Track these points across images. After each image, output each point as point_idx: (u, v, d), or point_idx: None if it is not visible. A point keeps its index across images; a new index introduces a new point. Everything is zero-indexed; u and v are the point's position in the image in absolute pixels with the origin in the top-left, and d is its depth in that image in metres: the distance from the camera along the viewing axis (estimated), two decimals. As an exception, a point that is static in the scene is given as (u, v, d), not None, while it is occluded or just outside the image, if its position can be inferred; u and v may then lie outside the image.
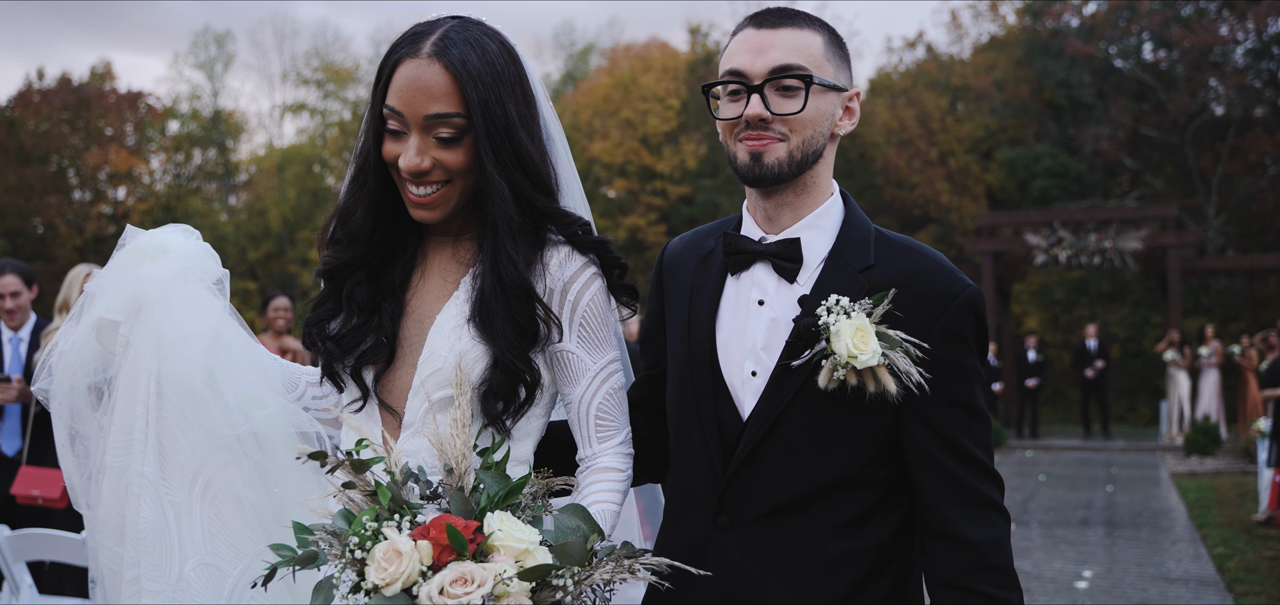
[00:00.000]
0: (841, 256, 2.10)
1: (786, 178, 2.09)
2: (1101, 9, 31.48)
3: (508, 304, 2.07)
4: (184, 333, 2.13)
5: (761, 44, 2.08)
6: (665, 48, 36.48)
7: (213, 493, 2.12)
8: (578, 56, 42.11)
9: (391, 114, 2.06)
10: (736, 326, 2.13)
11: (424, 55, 2.04)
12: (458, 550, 1.70)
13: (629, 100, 34.21)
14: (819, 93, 2.07)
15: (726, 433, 2.10)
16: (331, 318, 2.18)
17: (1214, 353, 20.14)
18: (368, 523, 1.74)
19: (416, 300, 2.18)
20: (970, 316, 2.06)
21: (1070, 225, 22.39)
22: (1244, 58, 31.10)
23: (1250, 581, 8.92)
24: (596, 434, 2.17)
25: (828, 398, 2.00)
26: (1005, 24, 34.61)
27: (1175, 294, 22.16)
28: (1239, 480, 15.14)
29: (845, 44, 2.18)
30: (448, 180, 2.08)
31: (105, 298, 2.17)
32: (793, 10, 2.14)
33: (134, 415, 2.11)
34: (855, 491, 2.07)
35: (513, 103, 2.08)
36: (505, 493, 1.83)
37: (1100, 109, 31.28)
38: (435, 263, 2.21)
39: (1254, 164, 30.15)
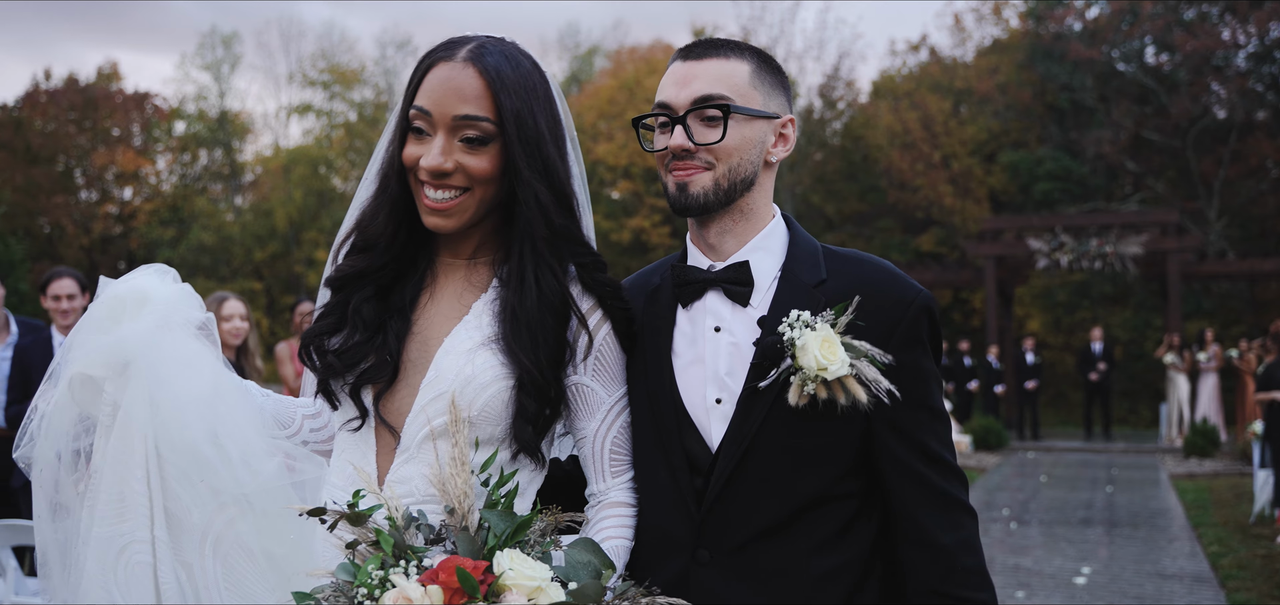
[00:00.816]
0: (794, 273, 2.10)
1: (713, 206, 2.09)
2: (1104, 13, 31.57)
3: (544, 318, 2.03)
4: (181, 395, 2.06)
5: (686, 75, 2.09)
6: (670, 50, 36.63)
7: (223, 549, 2.06)
8: (582, 58, 42.27)
9: (419, 113, 2.03)
10: (693, 357, 2.11)
11: (459, 59, 2.03)
12: (469, 593, 1.66)
13: (634, 102, 34.37)
14: (741, 121, 2.08)
15: (696, 464, 2.07)
16: (334, 332, 2.12)
17: (1213, 357, 20.27)
18: (373, 571, 1.70)
19: (423, 321, 2.11)
20: (926, 321, 2.09)
21: (1072, 230, 22.54)
22: (1246, 62, 31.19)
23: (1242, 578, 9.12)
24: (610, 468, 2.14)
25: (799, 415, 1.99)
26: (1008, 28, 34.68)
27: (1175, 298, 22.30)
28: (1236, 482, 15.28)
29: (779, 71, 2.18)
30: (467, 188, 2.03)
31: (84, 354, 2.08)
32: (720, 41, 2.15)
33: (130, 481, 2.02)
34: (832, 506, 2.06)
35: (544, 118, 2.07)
36: (513, 530, 1.78)
37: (1102, 112, 31.38)
38: (446, 285, 2.14)
39: (1255, 168, 30.24)
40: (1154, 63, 31.78)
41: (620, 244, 33.76)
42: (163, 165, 39.84)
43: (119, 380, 2.05)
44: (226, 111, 39.71)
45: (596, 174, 35.56)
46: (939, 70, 34.34)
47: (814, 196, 34.16)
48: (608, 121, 34.69)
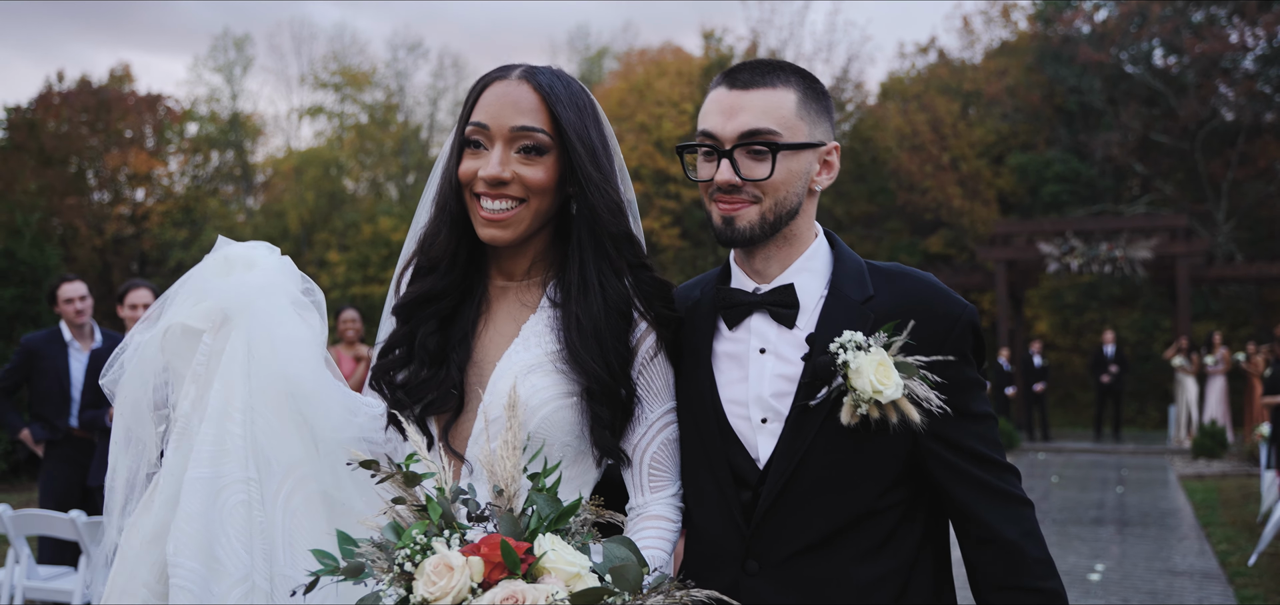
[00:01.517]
0: (841, 291, 2.11)
1: (759, 239, 2.09)
2: (1113, 15, 31.66)
3: (611, 321, 2.08)
4: (287, 335, 2.13)
5: (732, 106, 2.06)
6: (679, 52, 36.78)
7: (293, 505, 2.12)
8: (592, 59, 42.42)
9: (476, 128, 2.09)
10: (738, 376, 2.12)
11: (514, 78, 2.11)
12: (510, 568, 1.68)
13: (643, 104, 34.50)
14: (789, 156, 2.06)
15: (743, 478, 2.09)
16: (401, 366, 2.16)
17: (1221, 360, 20.41)
18: (418, 536, 1.72)
19: (480, 348, 2.16)
20: (971, 335, 2.11)
21: (1082, 234, 22.70)
22: (1254, 64, 31.25)
23: (1250, 575, 9.36)
24: (649, 483, 2.16)
25: (849, 433, 2.00)
26: (1016, 30, 34.76)
27: (1184, 302, 22.45)
28: (1244, 482, 15.43)
29: (824, 94, 2.16)
30: (523, 199, 2.08)
31: (188, 304, 2.17)
32: (767, 65, 2.10)
33: (229, 425, 2.09)
34: (878, 518, 2.08)
35: (595, 132, 2.14)
36: (556, 516, 1.80)
37: (1111, 115, 31.47)
38: (499, 308, 2.19)
39: (1264, 170, 30.32)
40: (1162, 65, 31.85)
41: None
42: (175, 167, 40.05)
43: (221, 332, 2.13)
44: (238, 113, 39.93)
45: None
46: (947, 72, 34.43)
47: (823, 198, 34.25)
48: (618, 123, 34.83)
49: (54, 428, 6.69)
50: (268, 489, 2.10)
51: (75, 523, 5.42)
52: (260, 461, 2.09)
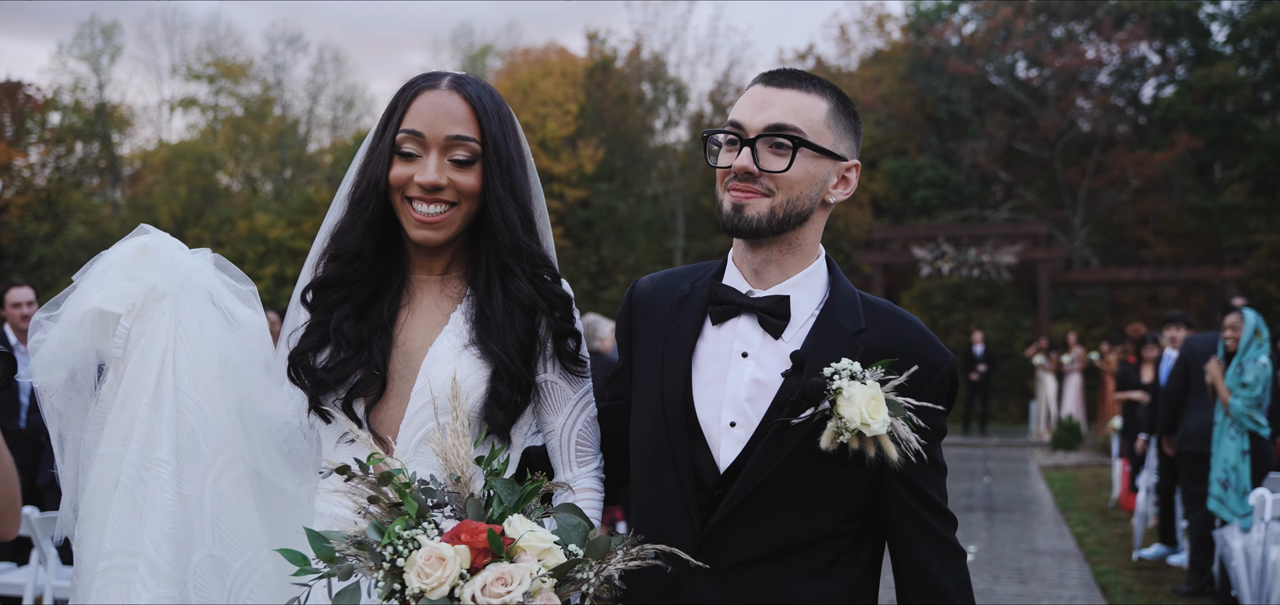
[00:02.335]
0: (833, 317, 2.11)
1: (765, 233, 2.09)
2: (980, 29, 33.09)
3: (513, 318, 2.17)
4: (219, 317, 2.18)
5: (764, 100, 2.10)
6: (564, 53, 36.88)
7: (222, 486, 2.13)
8: (475, 57, 42.18)
9: (410, 136, 2.16)
10: (715, 374, 2.13)
11: (444, 87, 2.19)
12: (495, 553, 1.77)
13: (528, 103, 34.49)
14: (810, 156, 2.08)
15: (703, 479, 2.09)
16: (318, 349, 2.19)
17: (1077, 359, 21.64)
18: (402, 531, 1.79)
19: (404, 335, 2.21)
20: (949, 385, 2.14)
21: (953, 240, 23.84)
22: (1109, 78, 33.11)
23: (1104, 553, 10.34)
24: (576, 458, 2.27)
25: (822, 458, 2.00)
26: (890, 40, 35.94)
27: (1044, 305, 23.75)
28: (1097, 471, 16.52)
29: (855, 115, 2.19)
30: (454, 203, 2.16)
31: (102, 288, 2.15)
32: (805, 74, 2.14)
33: (138, 405, 2.09)
34: (830, 543, 2.10)
35: (513, 144, 2.22)
36: (518, 499, 1.89)
37: (978, 124, 32.86)
38: (422, 299, 2.25)
39: (1116, 179, 32.08)
40: (1025, 77, 33.36)
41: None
42: (36, 157, 38.38)
43: (144, 314, 2.12)
44: (105, 104, 38.49)
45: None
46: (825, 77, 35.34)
47: (704, 201, 34.84)
48: (502, 122, 34.81)
49: (3, 430, 6.69)
50: (189, 470, 2.09)
51: (29, 518, 5.54)
52: (183, 442, 2.09)
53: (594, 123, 35.21)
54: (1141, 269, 26.36)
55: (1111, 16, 32.35)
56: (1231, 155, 32.16)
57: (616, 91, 35.65)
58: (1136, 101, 33.53)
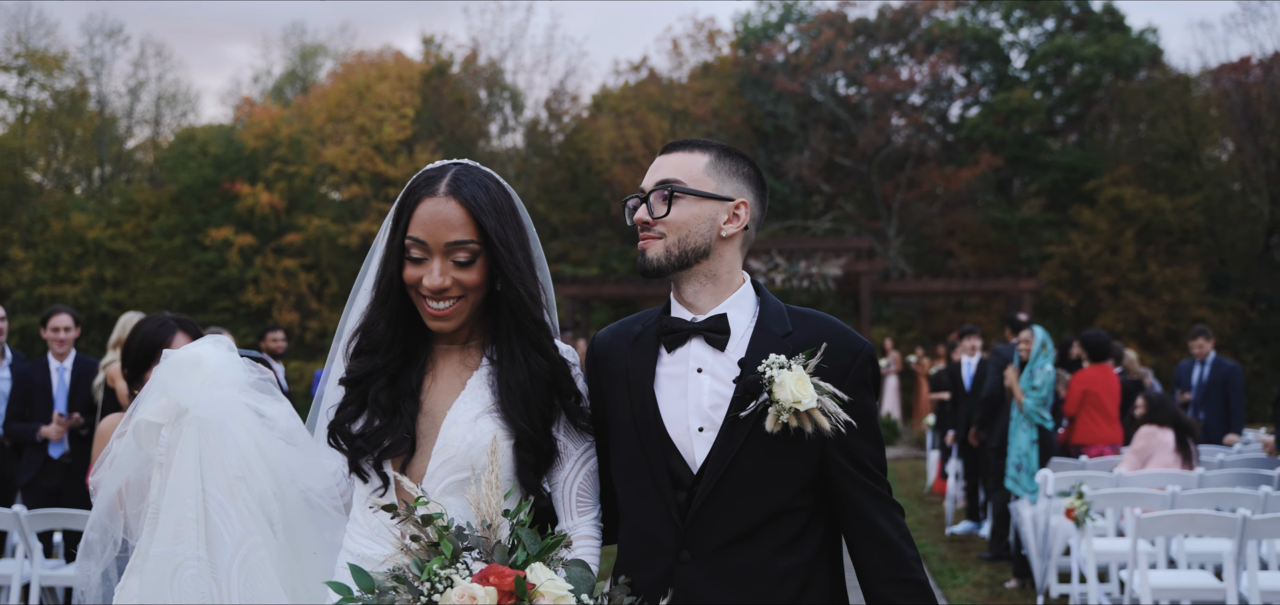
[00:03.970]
0: (766, 325, 2.45)
1: (666, 269, 2.45)
2: (804, 49, 34.74)
3: (536, 388, 2.42)
4: (224, 437, 2.46)
5: (656, 166, 2.51)
6: (401, 57, 36.52)
7: (248, 567, 2.42)
8: (306, 55, 41.28)
9: (415, 243, 2.37)
10: (677, 392, 2.43)
11: (441, 194, 2.37)
12: (519, 597, 1.99)
13: (363, 107, 34.13)
14: (690, 201, 2.43)
15: (679, 481, 2.39)
16: (354, 419, 2.44)
17: (893, 362, 23.22)
18: (440, 571, 2.02)
19: (428, 399, 2.46)
20: (870, 367, 2.46)
21: (785, 252, 25.28)
22: (920, 97, 35.36)
23: (921, 531, 11.60)
24: (577, 509, 2.50)
25: (771, 440, 2.34)
26: (720, 54, 37.15)
27: (866, 312, 25.42)
28: (913, 463, 17.94)
29: (741, 162, 2.52)
30: (462, 296, 2.40)
31: (147, 406, 2.51)
32: (690, 140, 2.55)
33: (185, 509, 2.42)
34: (791, 517, 2.40)
35: (512, 231, 2.43)
36: (541, 550, 2.13)
37: (802, 138, 34.47)
38: (444, 367, 2.50)
39: (927, 193, 34.21)
40: (846, 95, 35.07)
41: (348, 248, 33.42)
42: None
43: (176, 425, 2.48)
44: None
45: (323, 178, 35.11)
46: (658, 91, 36.10)
47: (540, 205, 35.11)
48: (337, 126, 34.29)
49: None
50: (219, 560, 2.41)
51: (18, 516, 6.28)
52: (212, 538, 2.41)
53: (430, 127, 35.11)
54: (950, 280, 28.40)
55: (923, 41, 34.57)
56: (1028, 173, 34.84)
57: (453, 96, 35.66)
58: (945, 121, 35.84)
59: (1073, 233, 32.10)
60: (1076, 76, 34.21)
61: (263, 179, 33.22)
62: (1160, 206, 31.34)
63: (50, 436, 7.34)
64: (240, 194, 32.83)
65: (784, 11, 36.71)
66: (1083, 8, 34.86)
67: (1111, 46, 33.31)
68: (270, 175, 33.26)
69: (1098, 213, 31.84)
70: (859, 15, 35.16)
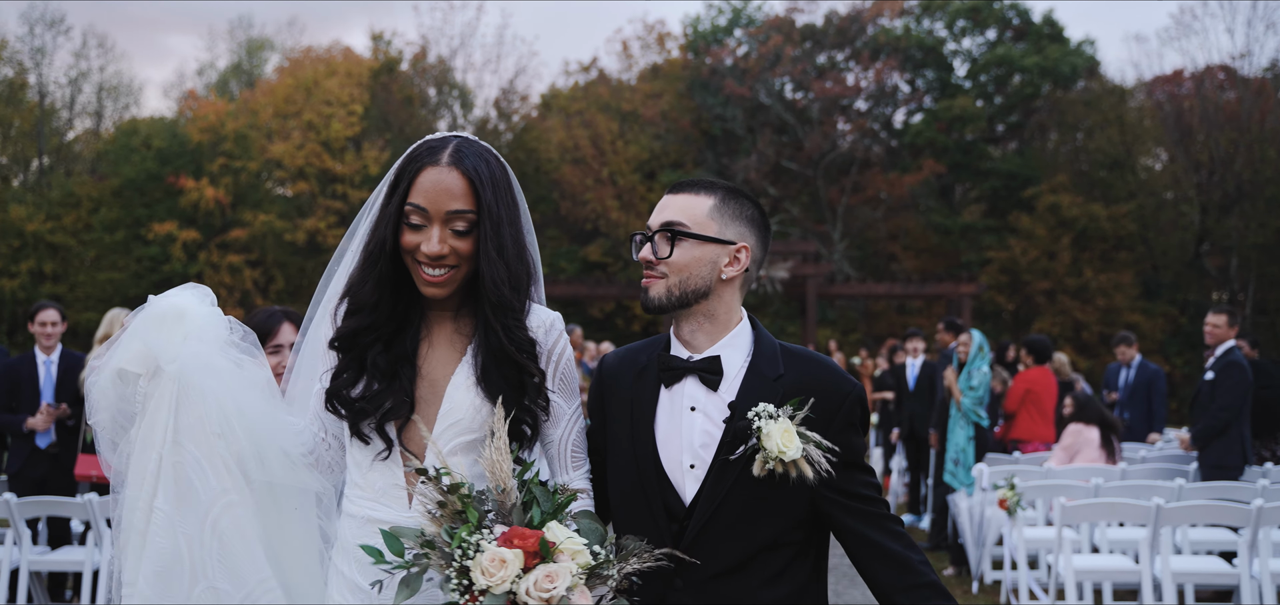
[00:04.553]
0: (758, 368, 2.50)
1: (667, 308, 2.52)
2: (753, 53, 35.17)
3: (500, 368, 2.47)
4: (204, 394, 2.45)
5: (662, 205, 2.56)
6: (350, 53, 36.30)
7: (221, 528, 2.43)
8: (252, 50, 40.91)
9: (415, 209, 2.42)
10: (672, 429, 2.51)
11: (444, 163, 2.42)
12: (543, 556, 2.10)
13: (311, 102, 33.90)
14: (692, 244, 2.50)
15: (673, 513, 2.48)
16: (352, 384, 2.48)
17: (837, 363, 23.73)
18: (468, 537, 2.12)
19: (426, 365, 2.51)
20: (858, 408, 2.53)
21: (735, 256, 25.71)
22: (866, 104, 35.96)
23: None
24: (572, 463, 2.58)
25: (759, 483, 2.41)
26: (669, 57, 37.46)
27: (812, 313, 25.89)
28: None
29: (746, 205, 2.57)
30: (456, 265, 2.44)
31: (127, 353, 2.48)
32: (695, 180, 2.59)
33: (148, 459, 2.43)
34: (779, 551, 2.48)
35: (505, 206, 2.47)
36: (556, 507, 2.22)
37: (749, 142, 34.90)
38: (439, 335, 2.55)
39: (871, 198, 34.77)
40: (793, 100, 35.60)
41: (294, 244, 33.23)
42: None
43: (155, 378, 2.47)
44: None
45: (270, 174, 34.84)
46: (607, 92, 36.31)
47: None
48: (284, 121, 34.03)
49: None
50: (188, 514, 2.43)
51: (9, 503, 6.68)
52: (186, 494, 2.43)
53: (379, 124, 35.00)
54: (893, 284, 29.02)
55: (869, 48, 35.19)
56: (969, 179, 35.62)
57: (401, 94, 35.57)
58: (889, 127, 36.47)
59: (1011, 238, 32.86)
60: (1017, 86, 35.02)
61: (208, 174, 32.89)
62: (1096, 214, 32.21)
63: (37, 427, 7.58)
64: (185, 188, 32.45)
65: (733, 16, 37.12)
66: (1024, 19, 35.71)
67: (1051, 57, 34.16)
68: (216, 170, 32.94)
69: (1036, 219, 32.63)
70: (806, 21, 35.68)
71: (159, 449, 2.44)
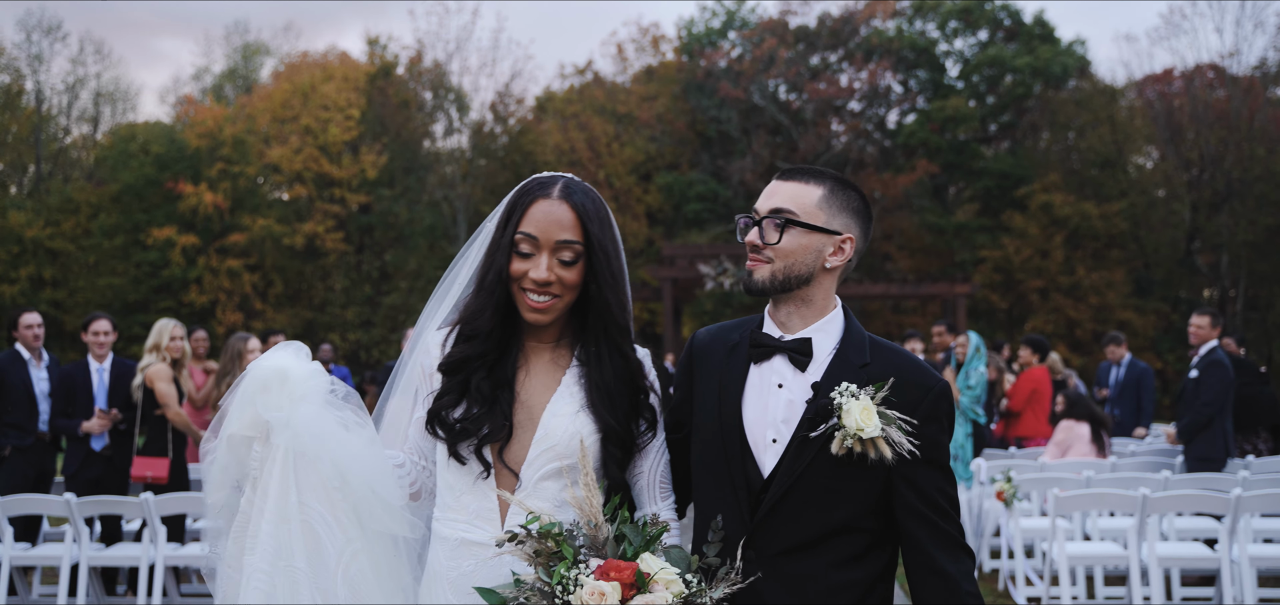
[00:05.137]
0: (845, 354, 2.55)
1: (770, 291, 2.57)
2: (747, 56, 35.43)
3: (620, 390, 2.60)
4: (317, 454, 2.51)
5: (772, 190, 2.60)
6: (346, 58, 36.42)
7: (351, 574, 2.53)
8: (248, 54, 41.00)
9: (526, 238, 2.55)
10: (759, 404, 2.56)
11: (555, 197, 2.57)
12: (639, 588, 2.20)
13: (308, 107, 34.04)
14: (800, 232, 2.54)
15: (751, 485, 2.52)
16: (453, 407, 2.58)
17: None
18: (567, 572, 2.22)
19: (525, 392, 2.61)
20: (944, 403, 2.53)
21: (733, 258, 25.95)
22: (859, 105, 36.24)
23: None
24: (660, 495, 2.67)
25: (837, 462, 2.44)
26: (664, 59, 37.62)
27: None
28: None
29: (854, 196, 2.62)
30: (559, 295, 2.57)
31: (237, 419, 2.56)
32: (807, 168, 2.63)
33: (278, 522, 2.49)
34: (853, 535, 2.50)
35: (610, 241, 2.61)
36: (646, 540, 2.31)
37: (744, 143, 35.16)
38: (536, 363, 2.66)
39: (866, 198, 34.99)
40: (787, 101, 35.83)
41: (293, 248, 33.40)
42: None
43: (268, 441, 2.54)
44: None
45: (268, 177, 35.02)
46: (603, 95, 36.46)
47: (485, 207, 35.26)
48: (282, 126, 34.20)
49: (25, 431, 8.17)
50: (323, 570, 2.50)
51: (68, 503, 7.15)
52: (316, 550, 2.50)
53: (376, 128, 35.17)
54: (889, 284, 29.28)
55: (862, 49, 35.46)
56: (963, 179, 35.90)
57: (398, 98, 35.74)
58: (883, 127, 36.72)
59: (1005, 237, 33.13)
60: (1008, 86, 35.31)
61: (206, 178, 33.06)
62: (1088, 213, 32.50)
63: (92, 430, 8.03)
64: (183, 193, 32.62)
65: (727, 18, 37.39)
66: (1015, 20, 36.02)
67: (1042, 57, 34.47)
68: (214, 175, 33.11)
69: (1029, 218, 32.91)
70: (800, 23, 35.95)
71: (289, 511, 2.51)
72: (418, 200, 34.86)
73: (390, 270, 34.76)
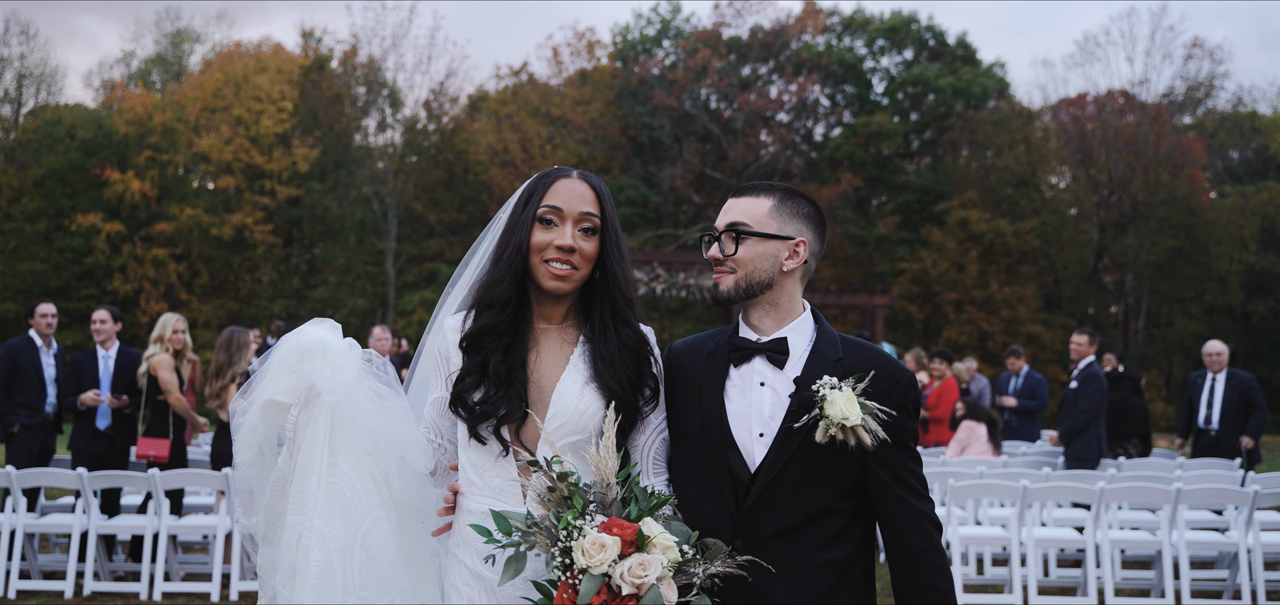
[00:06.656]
0: (820, 351, 2.72)
1: (735, 299, 2.75)
2: (680, 65, 36.03)
3: (625, 358, 2.72)
4: (356, 419, 2.69)
5: (727, 207, 2.80)
6: (280, 50, 36.12)
7: (369, 542, 2.65)
8: (175, 40, 40.45)
9: (552, 210, 2.71)
10: (743, 402, 2.71)
11: (575, 177, 2.77)
12: (638, 546, 2.32)
13: (241, 98, 33.81)
14: (755, 241, 2.72)
15: (737, 478, 2.66)
16: (474, 389, 2.70)
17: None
18: (573, 521, 2.34)
19: (537, 372, 2.74)
20: (911, 392, 2.70)
21: (665, 265, 26.62)
22: (788, 117, 37.05)
23: None
24: (654, 470, 2.78)
25: (819, 450, 2.60)
26: (598, 64, 38.03)
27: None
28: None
29: (803, 203, 2.80)
30: (578, 266, 2.72)
31: (272, 382, 2.71)
32: (758, 183, 2.81)
33: (309, 483, 2.64)
34: (833, 517, 2.66)
35: (618, 222, 2.81)
36: (650, 506, 2.44)
37: (676, 150, 35.70)
38: (545, 343, 2.78)
39: (792, 208, 35.71)
40: (718, 110, 36.45)
41: (221, 238, 33.17)
42: None
43: (307, 407, 2.71)
44: None
45: (198, 167, 34.74)
46: (537, 97, 36.69)
47: (416, 204, 35.30)
48: (214, 115, 33.96)
49: (34, 411, 8.87)
50: (340, 529, 2.65)
51: (81, 476, 7.93)
52: (341, 512, 2.65)
53: (308, 121, 35.05)
54: (812, 293, 29.91)
55: (792, 63, 36.29)
56: (885, 193, 36.86)
57: (331, 91, 35.65)
58: (810, 139, 37.56)
59: (923, 251, 34.10)
60: (931, 104, 36.35)
61: (133, 166, 32.72)
62: (1002, 229, 33.64)
63: (88, 402, 8.73)
64: (109, 180, 32.25)
65: (661, 27, 37.97)
66: (939, 41, 37.15)
67: (963, 78, 35.59)
68: (142, 163, 32.77)
69: (946, 233, 33.92)
70: (732, 34, 36.64)
71: (318, 472, 2.66)
72: (348, 195, 34.77)
73: (319, 264, 34.66)
